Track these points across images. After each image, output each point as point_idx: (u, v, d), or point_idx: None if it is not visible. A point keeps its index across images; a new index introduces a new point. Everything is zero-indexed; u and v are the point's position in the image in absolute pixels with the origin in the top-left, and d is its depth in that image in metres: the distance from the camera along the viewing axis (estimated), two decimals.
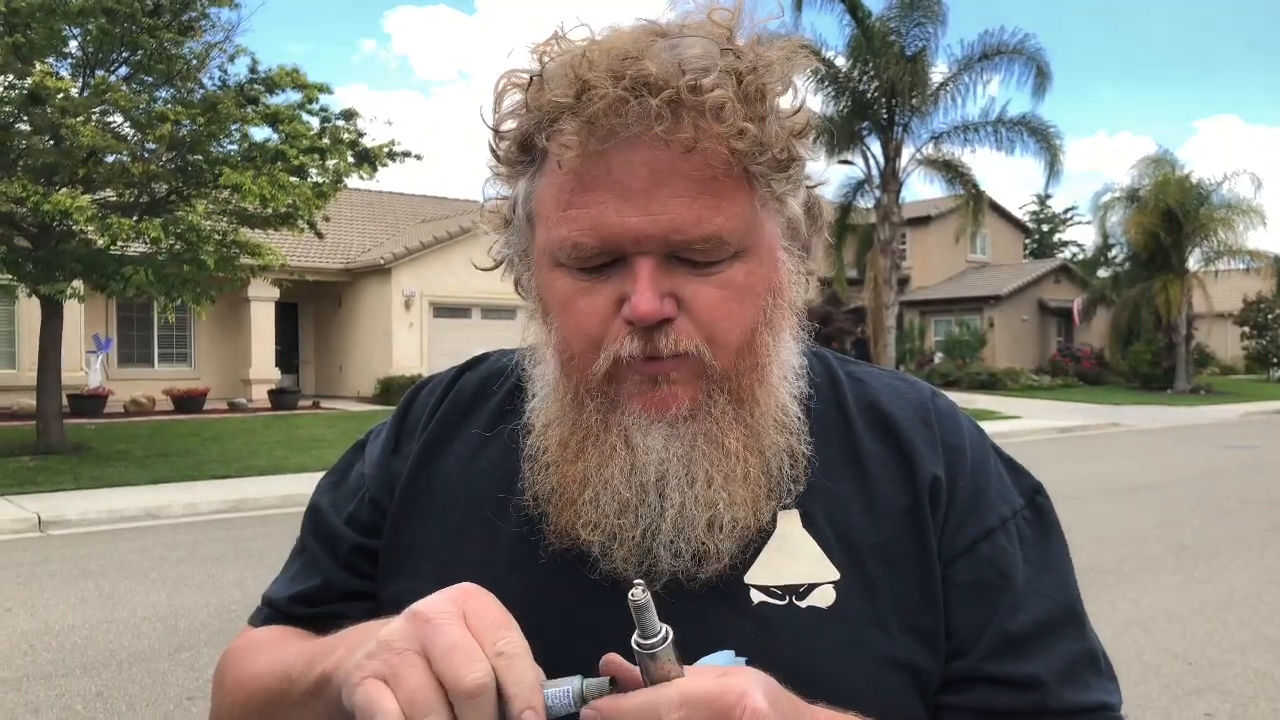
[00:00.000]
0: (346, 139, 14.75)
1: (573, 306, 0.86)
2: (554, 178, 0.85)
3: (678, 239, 0.82)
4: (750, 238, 0.85)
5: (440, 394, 1.06)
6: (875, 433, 0.97)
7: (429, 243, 24.86)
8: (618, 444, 0.85)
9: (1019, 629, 0.89)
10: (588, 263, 0.84)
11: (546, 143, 0.83)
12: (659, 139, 0.79)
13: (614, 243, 0.82)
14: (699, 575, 0.85)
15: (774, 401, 0.89)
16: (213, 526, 9.88)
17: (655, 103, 0.78)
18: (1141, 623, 6.27)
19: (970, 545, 0.92)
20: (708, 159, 0.81)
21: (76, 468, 12.81)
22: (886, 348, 25.04)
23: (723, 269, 0.84)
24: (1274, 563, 8.12)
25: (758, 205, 0.86)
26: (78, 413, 18.96)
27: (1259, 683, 5.32)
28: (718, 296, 0.84)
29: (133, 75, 13.90)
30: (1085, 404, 26.83)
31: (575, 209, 0.83)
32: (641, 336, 0.83)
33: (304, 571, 1.04)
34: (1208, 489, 12.14)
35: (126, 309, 23.15)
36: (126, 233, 12.46)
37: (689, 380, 0.85)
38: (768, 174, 0.84)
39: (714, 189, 0.82)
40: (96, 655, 5.72)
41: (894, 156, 24.99)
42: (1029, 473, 1.03)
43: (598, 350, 0.85)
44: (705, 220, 0.82)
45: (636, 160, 0.81)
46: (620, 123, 0.79)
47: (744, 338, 0.86)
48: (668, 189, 0.81)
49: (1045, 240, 67.12)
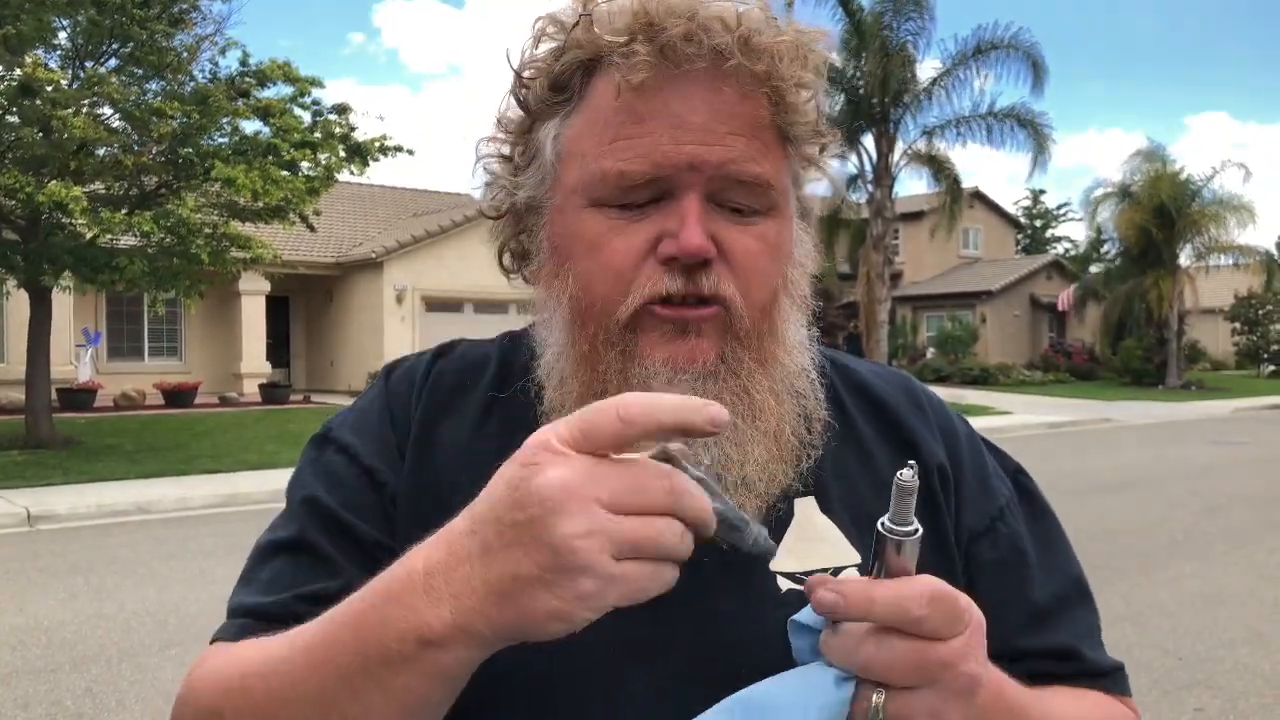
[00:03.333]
0: (338, 133, 14.70)
1: (604, 246, 0.83)
2: (598, 113, 0.84)
3: (732, 169, 0.82)
4: (783, 198, 0.87)
5: (421, 380, 0.97)
6: (868, 415, 0.98)
7: (421, 237, 24.82)
8: None
9: (1044, 604, 0.94)
10: (630, 196, 0.82)
11: (589, 76, 0.84)
12: (724, 76, 0.80)
13: (667, 169, 0.81)
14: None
15: (792, 364, 0.89)
16: (203, 521, 9.84)
17: (728, 38, 0.79)
18: (1132, 618, 6.29)
19: (990, 525, 0.95)
20: (760, 108, 0.83)
21: (66, 462, 12.75)
22: (879, 343, 25.08)
23: (759, 222, 0.85)
24: (1264, 558, 8.15)
25: (793, 167, 0.88)
26: (67, 407, 18.87)
27: (1249, 678, 5.34)
28: (755, 248, 0.84)
29: (122, 67, 13.82)
30: (1077, 399, 26.91)
31: (625, 139, 0.82)
32: (683, 274, 0.81)
33: (310, 573, 0.88)
34: (1198, 484, 12.18)
35: (116, 302, 23.06)
36: (118, 226, 12.40)
37: (715, 334, 0.83)
38: (804, 139, 0.87)
39: (764, 137, 0.84)
40: (86, 651, 5.70)
41: (886, 151, 25.02)
42: (1007, 453, 1.05)
43: (626, 291, 0.82)
44: (757, 161, 0.83)
45: (696, 97, 0.81)
46: (695, 51, 0.80)
47: (770, 297, 0.86)
48: (725, 125, 0.81)
49: (1038, 236, 67.31)
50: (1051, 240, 67.52)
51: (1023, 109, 24.48)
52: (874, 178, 25.19)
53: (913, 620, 0.64)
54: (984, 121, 24.51)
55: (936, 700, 0.64)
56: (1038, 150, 24.46)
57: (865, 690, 0.65)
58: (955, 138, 24.97)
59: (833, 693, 0.65)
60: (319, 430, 1.00)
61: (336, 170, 14.89)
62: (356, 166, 15.00)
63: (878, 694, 0.64)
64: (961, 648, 0.65)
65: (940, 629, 0.64)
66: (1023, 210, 66.63)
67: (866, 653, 0.64)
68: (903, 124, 24.92)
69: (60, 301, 16.91)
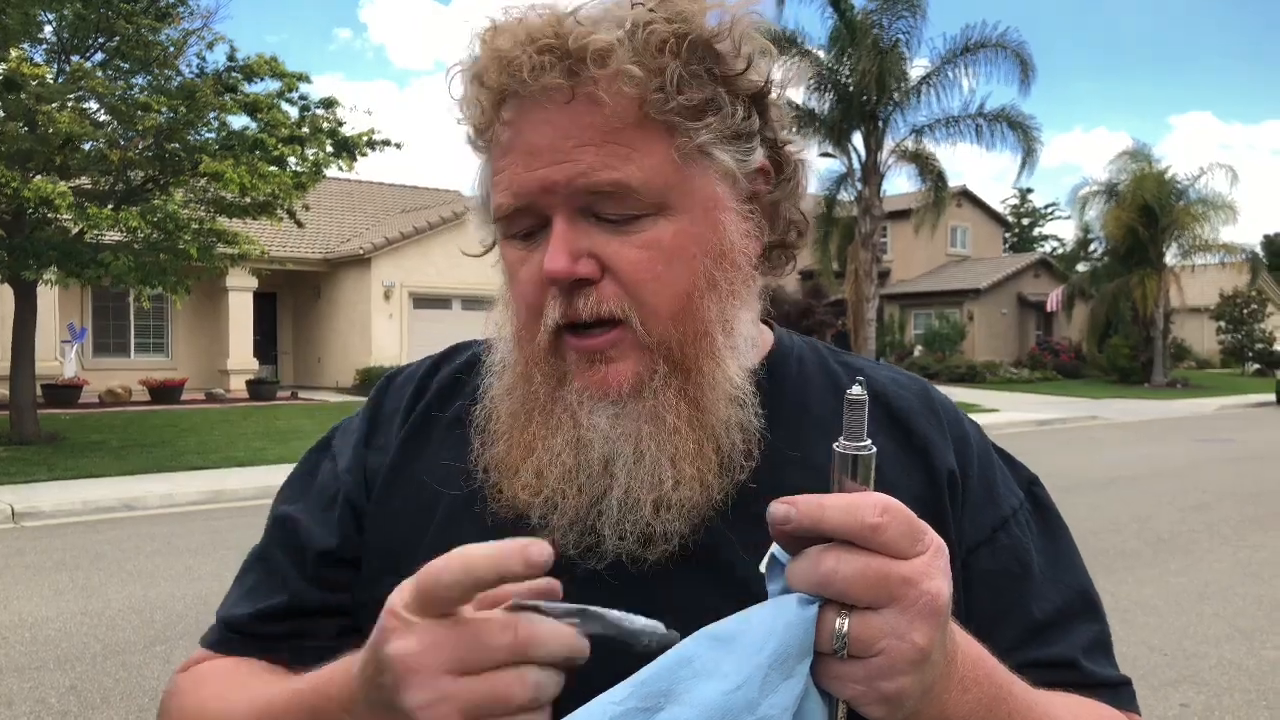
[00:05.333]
0: (326, 128, 14.64)
1: (515, 277, 0.86)
2: (493, 150, 0.87)
3: (582, 183, 0.80)
4: (672, 194, 0.82)
5: (417, 386, 1.02)
6: (881, 421, 0.93)
7: (409, 233, 24.74)
8: (564, 418, 0.84)
9: (1043, 617, 0.92)
10: (513, 226, 0.85)
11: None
12: (555, 93, 0.80)
13: (526, 197, 0.82)
14: (646, 558, 0.82)
15: (722, 373, 0.84)
16: (190, 518, 9.80)
17: (535, 55, 0.79)
18: (1118, 614, 6.32)
19: (990, 535, 0.93)
20: (609, 109, 0.80)
21: (51, 458, 12.67)
22: (867, 340, 25.11)
23: (644, 227, 0.82)
24: (1248, 555, 8.20)
25: (678, 158, 0.82)
26: (52, 403, 18.75)
27: (1234, 674, 5.37)
28: (641, 257, 0.81)
29: (108, 61, 13.74)
30: (1063, 397, 27.04)
31: (498, 174, 0.84)
32: (562, 300, 0.82)
33: (265, 586, 0.98)
34: (1184, 482, 12.25)
35: (102, 298, 22.92)
36: (104, 221, 12.33)
37: (627, 355, 0.83)
38: (681, 123, 0.81)
39: (623, 139, 0.80)
40: (71, 648, 5.66)
41: (875, 150, 25.04)
42: (1023, 464, 1.03)
43: (537, 320, 0.84)
44: (612, 167, 0.80)
45: (539, 119, 0.81)
46: (514, 81, 0.80)
47: (678, 302, 0.82)
48: (573, 140, 0.80)
49: (1025, 234, 67.54)
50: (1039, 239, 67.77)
51: (1012, 110, 24.55)
52: (862, 176, 25.22)
53: (868, 528, 0.63)
54: (973, 122, 24.57)
55: (901, 621, 0.63)
56: (1026, 151, 24.54)
57: (829, 612, 0.64)
58: (945, 137, 25.04)
59: (796, 612, 0.64)
60: (325, 434, 1.08)
61: (324, 165, 14.83)
62: (344, 161, 14.95)
63: (840, 617, 0.63)
64: (923, 565, 0.64)
65: (897, 542, 0.63)
66: (1010, 209, 66.87)
67: (825, 566, 0.63)
68: (892, 122, 24.97)
69: (45, 296, 16.82)
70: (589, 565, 0.83)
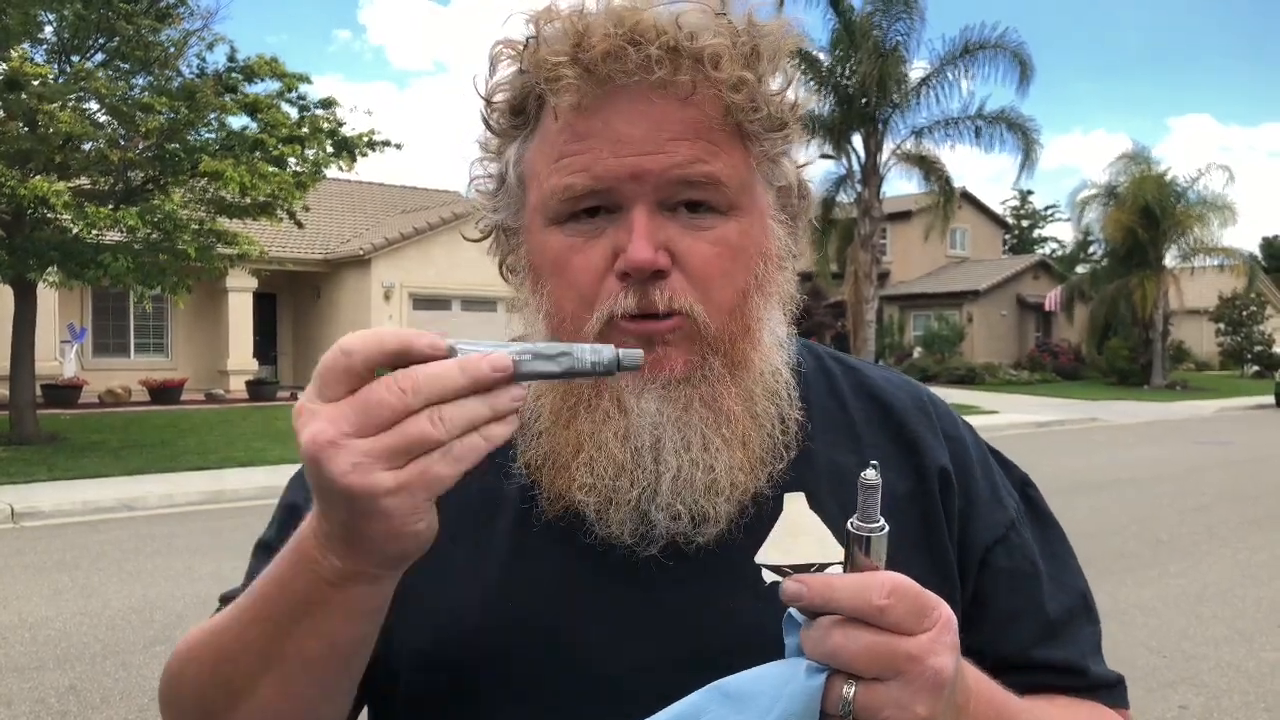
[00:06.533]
0: (326, 128, 14.64)
1: (565, 265, 0.85)
2: (548, 134, 0.85)
3: (676, 174, 0.82)
4: (744, 196, 0.86)
5: None
6: (873, 418, 0.97)
7: (409, 234, 24.75)
8: (611, 409, 0.84)
9: (1055, 616, 0.96)
10: (579, 205, 0.84)
11: (541, 100, 0.85)
12: (656, 87, 0.81)
13: (608, 181, 0.82)
14: (696, 539, 0.84)
15: (767, 366, 0.88)
16: (190, 518, 9.81)
17: (654, 50, 0.79)
18: (1117, 616, 6.32)
19: (1003, 534, 0.96)
20: (704, 109, 0.82)
21: (51, 458, 12.67)
22: (866, 342, 25.12)
23: (717, 225, 0.85)
24: (1247, 557, 8.20)
25: (752, 165, 0.87)
26: (52, 403, 18.74)
27: (1232, 676, 5.38)
28: (712, 253, 0.84)
29: (109, 62, 13.75)
30: (1063, 399, 27.04)
31: (568, 156, 0.83)
32: (636, 291, 0.82)
33: None
34: (1183, 484, 12.26)
35: (102, 298, 22.92)
36: (104, 221, 12.33)
37: (683, 343, 0.84)
38: (762, 134, 0.86)
39: (711, 138, 0.83)
40: (70, 648, 5.67)
41: (875, 151, 25.05)
42: (1015, 465, 1.06)
43: (590, 310, 0.84)
44: (704, 160, 0.83)
45: (634, 110, 0.82)
46: (619, 69, 0.80)
47: (737, 299, 0.86)
48: (667, 133, 0.82)
49: (1025, 236, 67.56)
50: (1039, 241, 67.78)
51: (1012, 112, 24.57)
52: (862, 177, 25.23)
53: (875, 609, 0.65)
54: (973, 123, 24.59)
55: (904, 693, 0.65)
56: (1026, 153, 24.56)
57: (837, 681, 0.66)
58: (944, 138, 25.06)
59: (803, 681, 0.67)
60: None
61: (324, 165, 14.84)
62: (344, 162, 14.96)
63: (848, 685, 0.66)
64: (928, 642, 0.66)
65: (904, 621, 0.65)
66: (1011, 211, 66.89)
67: (833, 642, 0.66)
68: (891, 124, 24.98)
69: (45, 297, 16.81)
70: (643, 551, 0.85)
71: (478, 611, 0.86)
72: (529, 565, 0.86)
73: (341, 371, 0.65)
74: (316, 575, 0.70)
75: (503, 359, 0.65)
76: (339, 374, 0.65)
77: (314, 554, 0.70)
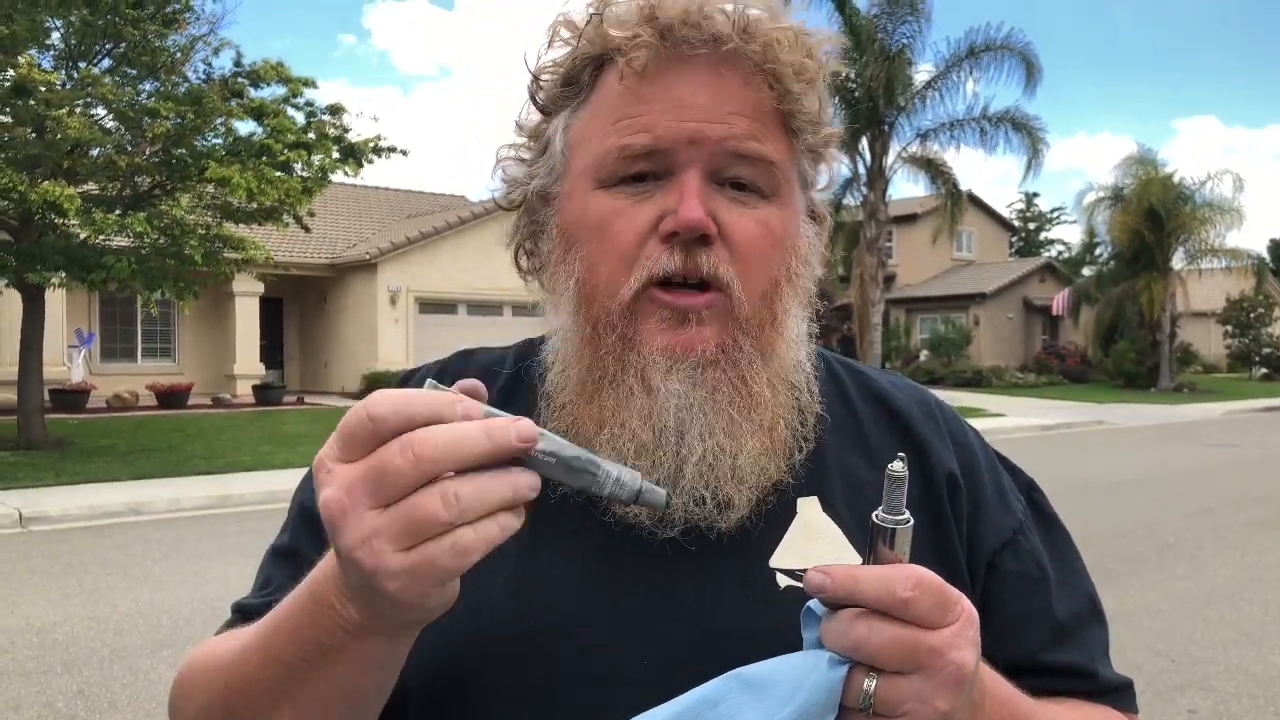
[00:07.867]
0: (332, 134, 14.68)
1: (609, 227, 0.85)
2: (604, 101, 0.87)
3: (734, 145, 0.83)
4: (786, 186, 0.88)
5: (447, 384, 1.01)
6: (881, 421, 0.98)
7: (415, 238, 24.78)
8: (635, 385, 0.84)
9: (1063, 620, 0.96)
10: (632, 167, 0.84)
11: (600, 67, 0.87)
12: (725, 59, 0.83)
13: (668, 141, 0.83)
14: (718, 524, 0.84)
15: (792, 357, 0.89)
16: (197, 522, 9.82)
17: (730, 24, 0.82)
18: (1124, 619, 6.30)
19: (1011, 538, 0.96)
20: (763, 94, 0.84)
21: (58, 463, 12.71)
22: (872, 345, 25.09)
23: (761, 206, 0.86)
24: (1255, 560, 8.17)
25: (794, 161, 0.89)
26: (59, 408, 18.80)
27: (1240, 679, 5.36)
28: (756, 231, 0.85)
29: (116, 68, 13.79)
30: (1070, 402, 26.96)
31: (629, 118, 0.84)
32: (682, 251, 0.83)
33: (284, 577, 0.91)
34: (1190, 487, 12.22)
35: (109, 303, 23.00)
36: (111, 226, 12.37)
37: (716, 321, 0.84)
38: (808, 125, 0.88)
39: (766, 123, 0.85)
40: (78, 653, 5.68)
41: (881, 154, 25.04)
42: (1019, 468, 1.06)
43: (628, 270, 0.84)
44: (760, 139, 0.85)
45: (698, 80, 0.84)
46: (695, 34, 0.82)
47: (769, 285, 0.87)
48: (728, 106, 0.84)
49: (1031, 239, 67.43)
50: (1045, 243, 67.65)
51: (1017, 112, 24.54)
52: (868, 180, 25.22)
53: (899, 602, 0.65)
54: (978, 125, 24.57)
55: (926, 686, 0.66)
56: (1031, 154, 24.54)
57: (859, 673, 0.66)
58: (949, 140, 25.04)
59: (825, 673, 0.67)
60: None
61: (331, 171, 14.86)
62: (350, 167, 14.98)
63: (869, 678, 0.66)
64: (951, 636, 0.66)
65: (928, 615, 0.66)
66: (1017, 213, 66.77)
67: (857, 634, 0.66)
68: (897, 126, 24.97)
69: (53, 302, 16.87)
70: (663, 534, 0.84)
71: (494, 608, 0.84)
72: (546, 545, 0.85)
73: (365, 437, 0.62)
74: (334, 623, 0.68)
75: (530, 429, 0.62)
76: (361, 440, 0.62)
77: (333, 601, 0.68)
